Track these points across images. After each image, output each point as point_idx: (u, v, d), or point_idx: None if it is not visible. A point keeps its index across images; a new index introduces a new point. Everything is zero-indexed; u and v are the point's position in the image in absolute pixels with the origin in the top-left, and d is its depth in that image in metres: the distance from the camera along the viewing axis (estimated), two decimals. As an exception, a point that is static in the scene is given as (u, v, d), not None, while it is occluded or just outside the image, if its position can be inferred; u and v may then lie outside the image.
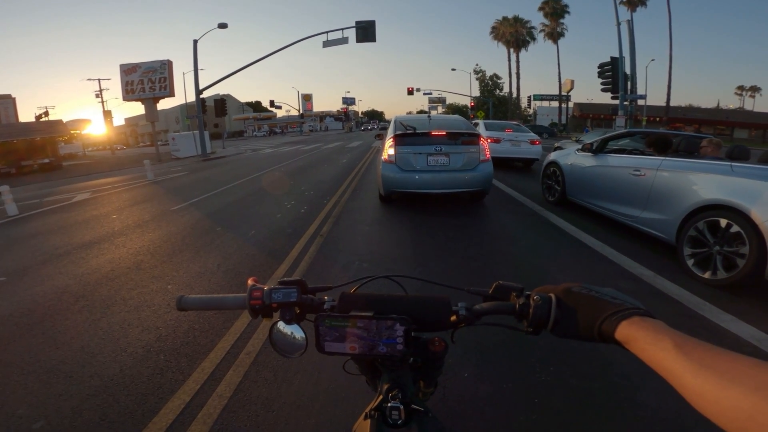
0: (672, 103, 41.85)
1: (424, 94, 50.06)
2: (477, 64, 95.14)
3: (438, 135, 5.98)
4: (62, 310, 3.30)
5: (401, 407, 0.68)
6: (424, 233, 5.06)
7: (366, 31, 20.13)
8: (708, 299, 3.11)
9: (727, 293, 3.23)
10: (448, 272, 3.81)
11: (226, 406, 2.06)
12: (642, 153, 5.37)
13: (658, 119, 38.53)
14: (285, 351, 0.75)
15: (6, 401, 2.16)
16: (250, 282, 0.78)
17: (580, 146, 6.22)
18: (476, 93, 52.40)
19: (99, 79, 41.98)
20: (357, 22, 20.23)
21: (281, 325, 0.74)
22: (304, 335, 0.74)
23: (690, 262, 3.59)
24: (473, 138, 6.07)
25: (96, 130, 46.16)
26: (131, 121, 73.94)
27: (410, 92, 41.57)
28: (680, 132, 5.38)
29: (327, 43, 20.39)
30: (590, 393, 2.11)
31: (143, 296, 3.50)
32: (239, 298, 0.76)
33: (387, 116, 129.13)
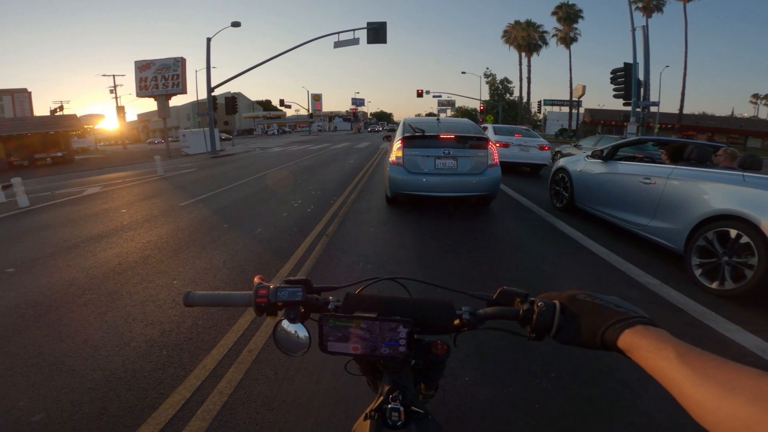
0: (685, 111, 41.32)
1: (434, 96, 50.06)
2: (487, 68, 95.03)
3: (446, 138, 5.96)
4: (68, 302, 3.34)
5: (401, 409, 0.68)
6: (430, 236, 5.04)
7: (377, 33, 20.15)
8: (713, 309, 3.07)
9: (733, 303, 3.19)
10: (453, 276, 3.80)
11: (226, 403, 2.06)
12: (652, 161, 5.31)
13: (670, 126, 38.06)
14: (288, 349, 0.75)
15: (7, 393, 2.18)
16: (256, 280, 0.78)
17: (589, 152, 6.17)
18: (486, 97, 52.28)
19: (113, 75, 42.83)
20: (368, 24, 20.25)
21: (285, 323, 0.75)
22: (307, 334, 0.75)
23: (698, 272, 3.54)
24: (482, 142, 6.05)
25: (109, 125, 46.89)
26: (143, 117, 74.77)
27: (419, 94, 41.48)
28: (692, 140, 5.31)
29: (338, 44, 20.45)
30: (590, 399, 2.09)
31: (149, 291, 3.52)
32: (245, 295, 0.77)
33: (396, 118, 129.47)
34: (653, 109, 27.29)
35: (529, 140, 11.64)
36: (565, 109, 47.86)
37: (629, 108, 18.46)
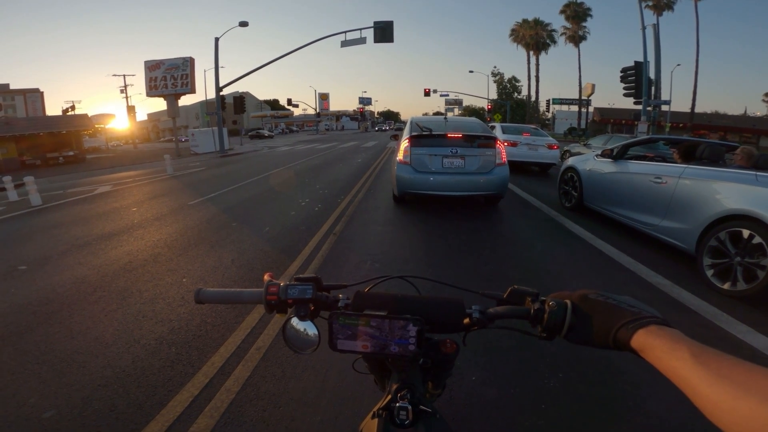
0: (697, 110, 40.72)
1: (441, 95, 49.94)
2: (495, 67, 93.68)
3: (454, 137, 5.94)
4: (79, 300, 3.38)
5: (409, 407, 0.68)
6: (437, 235, 5.03)
7: (384, 32, 20.12)
8: (725, 310, 3.03)
9: (745, 304, 3.14)
10: (460, 275, 3.79)
11: (234, 400, 2.08)
12: (663, 160, 5.25)
13: (682, 126, 37.56)
14: (297, 347, 0.75)
15: (19, 389, 2.21)
16: (266, 278, 0.79)
17: (598, 151, 6.11)
18: (494, 95, 51.91)
19: (124, 75, 43.37)
20: (375, 23, 20.24)
21: (295, 321, 0.75)
22: (317, 332, 0.75)
23: (709, 273, 3.49)
24: (489, 141, 6.02)
25: (119, 124, 47.47)
26: (153, 117, 75.56)
27: (427, 93, 41.37)
28: (704, 139, 5.25)
29: (345, 43, 20.46)
30: (598, 400, 2.07)
31: (158, 288, 3.56)
32: (256, 293, 0.78)
33: (403, 117, 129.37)
34: (664, 107, 26.92)
35: (538, 139, 11.57)
36: (574, 108, 47.43)
37: (640, 107, 18.26)
